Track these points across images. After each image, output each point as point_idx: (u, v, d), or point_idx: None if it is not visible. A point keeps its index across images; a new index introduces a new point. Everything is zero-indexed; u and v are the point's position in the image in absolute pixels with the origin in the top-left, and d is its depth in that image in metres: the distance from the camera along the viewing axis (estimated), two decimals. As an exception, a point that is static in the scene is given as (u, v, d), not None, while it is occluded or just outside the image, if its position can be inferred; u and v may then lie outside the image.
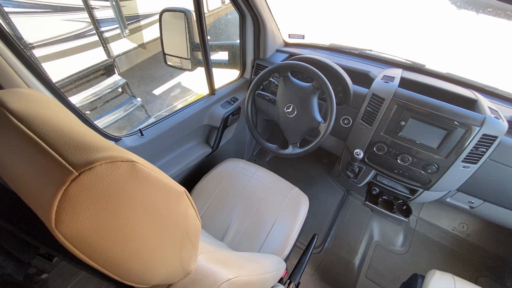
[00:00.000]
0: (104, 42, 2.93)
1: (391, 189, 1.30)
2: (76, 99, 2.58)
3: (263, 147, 1.19)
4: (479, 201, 1.13)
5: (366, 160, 1.23)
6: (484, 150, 0.98)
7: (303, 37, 1.57)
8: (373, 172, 1.30)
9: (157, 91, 3.68)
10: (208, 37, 1.25)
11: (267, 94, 1.22)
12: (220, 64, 1.58)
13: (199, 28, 1.03)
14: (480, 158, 0.99)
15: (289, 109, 1.08)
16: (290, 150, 1.12)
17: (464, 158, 1.00)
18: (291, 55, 1.44)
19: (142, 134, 0.99)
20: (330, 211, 1.69)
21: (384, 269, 1.46)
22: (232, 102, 1.36)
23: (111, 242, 0.27)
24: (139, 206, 0.28)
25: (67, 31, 2.70)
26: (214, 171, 1.23)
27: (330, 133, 1.35)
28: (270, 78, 1.23)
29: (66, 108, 0.66)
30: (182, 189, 0.34)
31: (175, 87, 3.73)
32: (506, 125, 0.96)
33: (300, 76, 1.33)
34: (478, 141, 0.96)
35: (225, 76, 1.51)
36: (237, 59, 1.45)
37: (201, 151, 1.29)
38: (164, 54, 1.43)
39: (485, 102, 1.06)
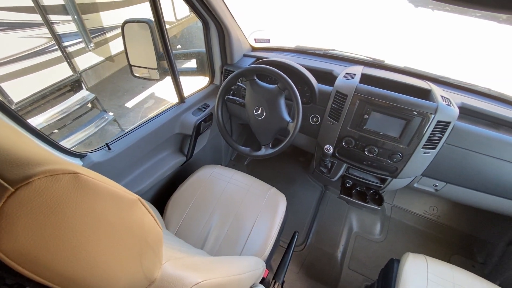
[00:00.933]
0: (68, 57, 2.82)
1: (363, 180, 1.36)
2: (41, 119, 2.45)
3: (237, 151, 1.20)
4: (442, 184, 1.21)
5: (336, 154, 1.28)
6: (440, 135, 1.05)
7: (268, 41, 1.61)
8: (345, 166, 1.35)
9: (130, 104, 3.58)
10: (179, 46, 1.25)
11: (237, 98, 1.24)
12: (190, 72, 1.58)
13: (161, 38, 1.03)
14: (438, 143, 1.07)
15: (258, 111, 1.10)
16: (263, 151, 1.15)
17: (424, 145, 1.07)
18: (258, 59, 1.47)
19: (109, 149, 0.96)
20: (310, 208, 1.73)
21: (365, 258, 1.51)
22: (204, 109, 1.36)
23: (59, 256, 0.27)
24: (86, 217, 0.28)
25: (27, 48, 2.57)
26: (190, 180, 1.23)
27: (302, 131, 1.39)
28: (238, 83, 1.25)
29: (14, 124, 0.64)
30: (135, 197, 0.34)
31: (148, 98, 3.66)
32: (457, 111, 1.04)
33: (268, 79, 1.36)
34: (434, 127, 1.03)
35: (198, 83, 1.51)
36: (205, 66, 1.46)
37: (175, 161, 1.28)
38: (130, 66, 1.41)
39: (438, 91, 1.15)
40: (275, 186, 1.24)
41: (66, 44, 2.76)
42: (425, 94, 1.15)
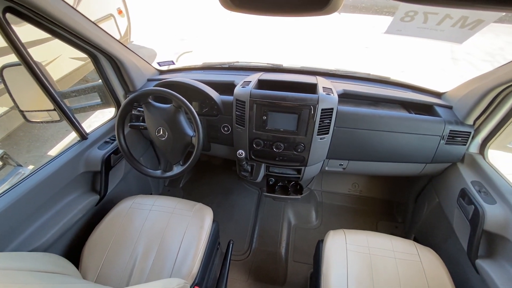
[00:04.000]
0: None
1: (283, 175, 1.45)
2: None
3: (148, 176, 1.18)
4: (345, 162, 1.37)
5: (252, 157, 1.35)
6: (329, 121, 1.20)
7: (172, 62, 1.65)
8: (264, 166, 1.43)
9: (53, 151, 3.23)
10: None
11: (140, 123, 1.23)
12: (95, 106, 1.51)
13: (35, 78, 0.98)
14: (329, 128, 1.21)
15: (159, 132, 1.11)
16: (175, 170, 1.15)
17: (318, 132, 1.21)
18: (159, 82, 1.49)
19: None
20: (251, 213, 1.77)
21: (306, 247, 1.60)
22: (112, 141, 1.31)
23: None
24: None
25: None
26: (106, 218, 1.16)
27: (219, 142, 1.44)
28: (139, 108, 1.25)
29: None
30: None
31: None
32: (336, 97, 1.20)
33: (165, 100, 1.38)
34: (321, 115, 1.17)
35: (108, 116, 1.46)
36: (108, 97, 1.42)
37: (86, 201, 1.19)
38: (22, 112, 1.30)
39: (321, 83, 1.31)
40: (214, 201, 1.25)
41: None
42: (313, 88, 1.30)
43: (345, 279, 0.99)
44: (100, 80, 1.35)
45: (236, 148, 1.36)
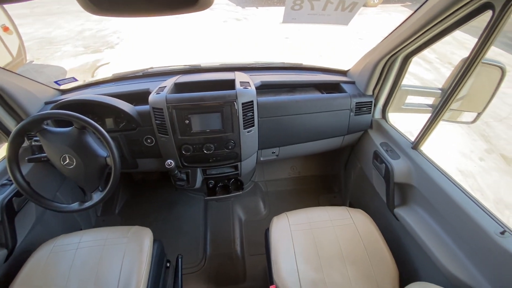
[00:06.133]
0: None
1: (222, 175, 1.44)
2: None
3: (64, 212, 1.03)
4: (277, 149, 1.42)
5: (185, 164, 1.30)
6: (251, 114, 1.22)
7: (74, 79, 1.46)
8: (199, 170, 1.39)
9: None
10: None
11: (41, 155, 1.05)
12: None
13: None
14: (253, 120, 1.24)
15: (65, 160, 0.97)
16: (94, 198, 1.02)
17: (244, 126, 1.22)
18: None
19: None
20: (199, 221, 1.72)
21: (260, 238, 1.62)
22: (10, 182, 1.10)
23: None
24: None
25: None
26: (21, 274, 0.97)
27: (146, 156, 1.34)
28: (35, 138, 1.07)
29: None
30: None
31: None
32: (253, 90, 1.23)
33: (65, 123, 1.22)
34: (242, 109, 1.18)
35: None
36: (-3, 133, 1.18)
37: None
38: None
39: (239, 78, 1.32)
40: (158, 218, 1.15)
41: None
42: (231, 84, 1.31)
43: (293, 260, 1.04)
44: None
45: (165, 158, 1.29)
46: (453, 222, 0.92)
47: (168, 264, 1.25)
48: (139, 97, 1.31)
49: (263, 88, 1.38)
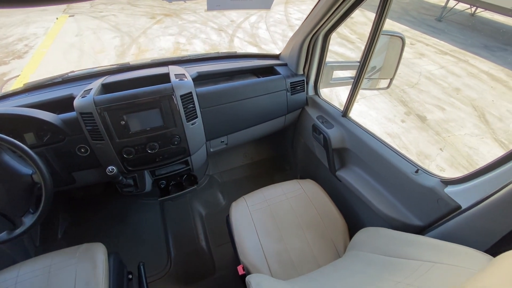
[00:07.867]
0: None
1: (173, 173, 1.40)
2: None
3: None
4: (225, 138, 1.44)
5: (129, 168, 1.22)
6: (192, 105, 1.21)
7: (-28, 94, 1.23)
8: (147, 172, 1.33)
9: None
10: None
11: None
12: None
13: None
14: (195, 112, 1.22)
15: (-22, 187, 0.83)
16: (26, 223, 0.90)
17: (186, 118, 1.20)
18: None
19: None
20: (158, 225, 1.65)
21: (223, 228, 1.64)
22: None
23: None
24: None
25: None
26: None
27: (82, 168, 1.23)
28: None
29: None
30: None
31: None
32: (190, 81, 1.21)
33: None
34: (182, 102, 1.16)
35: None
36: None
37: None
38: None
39: (173, 71, 1.28)
40: (111, 232, 1.05)
41: None
42: (166, 77, 1.26)
43: (256, 237, 1.08)
44: None
45: (105, 166, 1.19)
46: (381, 171, 1.08)
47: (130, 276, 1.18)
48: (62, 105, 1.18)
49: (200, 80, 1.37)
